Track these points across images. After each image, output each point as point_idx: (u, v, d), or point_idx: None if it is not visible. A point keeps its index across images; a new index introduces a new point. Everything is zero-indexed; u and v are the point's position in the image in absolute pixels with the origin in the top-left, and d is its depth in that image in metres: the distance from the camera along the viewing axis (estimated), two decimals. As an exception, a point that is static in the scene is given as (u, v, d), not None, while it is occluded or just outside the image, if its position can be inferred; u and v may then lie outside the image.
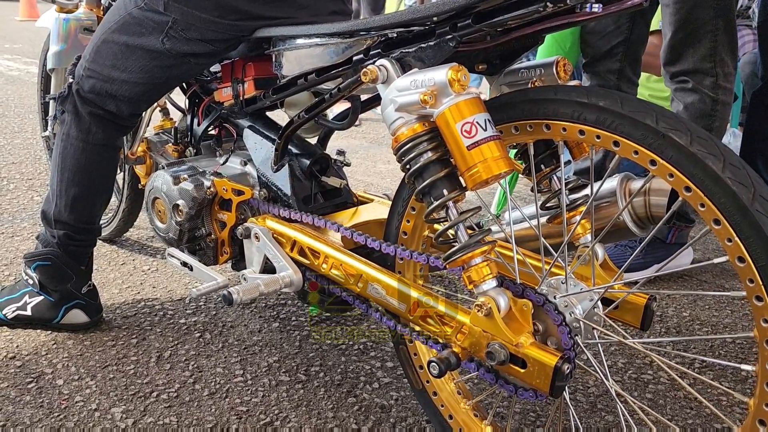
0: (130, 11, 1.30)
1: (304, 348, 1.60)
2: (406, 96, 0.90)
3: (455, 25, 0.88)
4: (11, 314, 1.58)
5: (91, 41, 1.41)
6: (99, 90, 1.41)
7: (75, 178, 1.48)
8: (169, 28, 1.25)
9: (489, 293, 0.90)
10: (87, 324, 1.61)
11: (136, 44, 1.31)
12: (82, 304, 1.58)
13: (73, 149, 1.46)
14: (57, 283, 1.56)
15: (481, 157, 0.85)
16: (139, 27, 1.29)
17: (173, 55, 1.30)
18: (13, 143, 3.28)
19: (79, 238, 1.55)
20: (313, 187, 1.34)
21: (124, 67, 1.34)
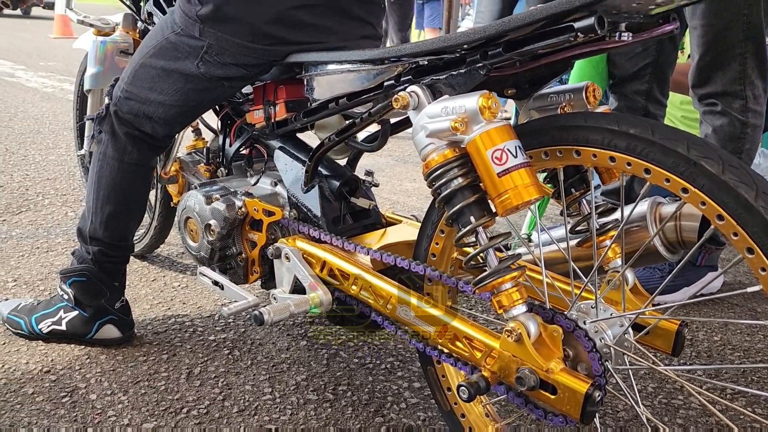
0: (167, 36, 1.34)
1: (332, 366, 1.61)
2: (437, 123, 0.91)
3: (486, 53, 0.90)
4: (46, 329, 1.61)
5: (129, 64, 1.45)
6: (136, 111, 1.44)
7: (110, 197, 1.52)
8: (204, 52, 1.28)
9: (519, 318, 0.91)
10: (119, 339, 1.63)
11: (173, 68, 1.34)
12: (115, 319, 1.61)
13: (109, 168, 1.50)
14: (91, 298, 1.59)
15: (511, 183, 0.86)
16: (175, 52, 1.33)
17: (207, 79, 1.33)
18: (47, 159, 3.36)
19: (113, 255, 1.58)
20: (343, 208, 1.36)
21: (161, 89, 1.38)
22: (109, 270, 1.60)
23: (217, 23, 1.24)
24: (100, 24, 1.73)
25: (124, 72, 1.47)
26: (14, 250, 2.21)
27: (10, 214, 2.55)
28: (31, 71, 6.68)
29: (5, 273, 2.03)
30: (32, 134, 3.91)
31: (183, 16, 1.29)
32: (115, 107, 1.48)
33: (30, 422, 1.35)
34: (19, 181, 2.98)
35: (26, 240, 2.31)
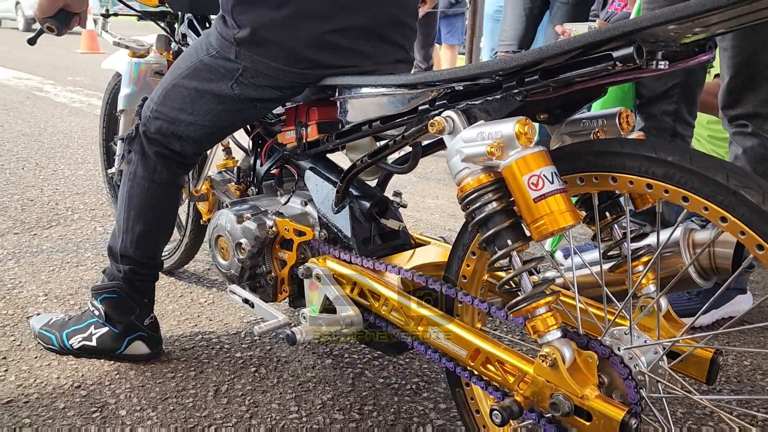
0: (202, 58, 1.36)
1: (357, 386, 1.61)
2: (473, 147, 0.92)
3: (522, 80, 0.90)
4: (77, 344, 1.63)
5: (160, 85, 1.47)
6: (165, 131, 1.46)
7: (141, 216, 1.54)
8: (240, 75, 1.30)
9: (554, 344, 0.91)
10: (148, 355, 1.65)
11: (206, 89, 1.36)
12: (144, 336, 1.63)
13: (139, 188, 1.53)
14: (121, 315, 1.61)
15: (547, 209, 0.86)
16: (210, 73, 1.34)
17: (241, 100, 1.35)
18: (76, 174, 3.42)
19: (143, 273, 1.60)
20: (373, 229, 1.37)
21: (192, 110, 1.40)
22: (139, 287, 1.62)
23: (254, 46, 1.25)
24: (135, 45, 1.76)
25: (154, 92, 1.49)
26: (45, 264, 2.25)
27: (40, 228, 2.60)
28: (59, 86, 6.82)
29: (36, 287, 2.07)
30: (61, 149, 3.98)
31: (219, 39, 1.30)
32: (144, 127, 1.50)
33: (62, 437, 1.37)
34: (49, 195, 3.04)
35: (56, 254, 2.35)
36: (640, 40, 0.80)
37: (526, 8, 2.94)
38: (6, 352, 1.68)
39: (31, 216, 2.74)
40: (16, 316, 1.87)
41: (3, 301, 1.96)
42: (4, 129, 4.46)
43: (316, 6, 1.23)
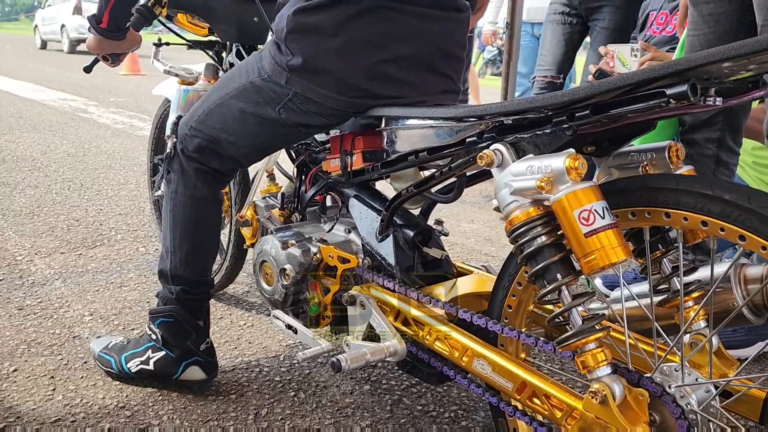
0: (252, 80, 1.36)
1: (396, 413, 1.61)
2: (522, 181, 0.93)
3: (573, 115, 0.91)
4: (135, 368, 1.64)
5: (201, 104, 1.48)
6: (204, 149, 1.49)
7: (186, 233, 1.56)
8: (288, 100, 1.31)
9: (603, 380, 0.90)
10: (204, 381, 1.64)
11: (252, 111, 1.37)
12: (200, 361, 1.62)
13: (182, 206, 1.55)
14: (178, 339, 1.61)
15: (598, 244, 0.86)
16: (258, 96, 1.36)
17: (286, 125, 1.36)
18: (119, 195, 3.50)
19: (195, 292, 1.60)
20: (416, 258, 1.38)
21: (234, 130, 1.42)
22: (193, 308, 1.61)
23: (305, 74, 1.27)
24: (185, 74, 1.81)
25: (193, 110, 1.50)
26: (90, 285, 2.30)
27: (85, 248, 2.67)
28: (102, 107, 7.01)
29: (82, 307, 2.12)
30: (104, 169, 4.08)
31: (272, 64, 1.31)
32: (182, 145, 1.52)
33: (107, 457, 1.40)
34: (93, 215, 3.12)
35: (101, 274, 2.40)
36: (694, 77, 0.80)
37: (566, 33, 2.94)
38: (54, 371, 1.72)
39: (77, 236, 2.81)
40: (63, 336, 1.92)
41: (51, 320, 2.01)
42: (51, 149, 4.60)
43: (369, 36, 1.24)
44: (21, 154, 4.40)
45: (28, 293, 2.20)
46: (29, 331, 1.94)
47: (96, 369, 1.74)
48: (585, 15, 2.90)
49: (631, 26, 2.73)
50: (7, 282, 2.29)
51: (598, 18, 2.84)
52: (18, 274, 2.36)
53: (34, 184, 3.64)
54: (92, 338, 1.80)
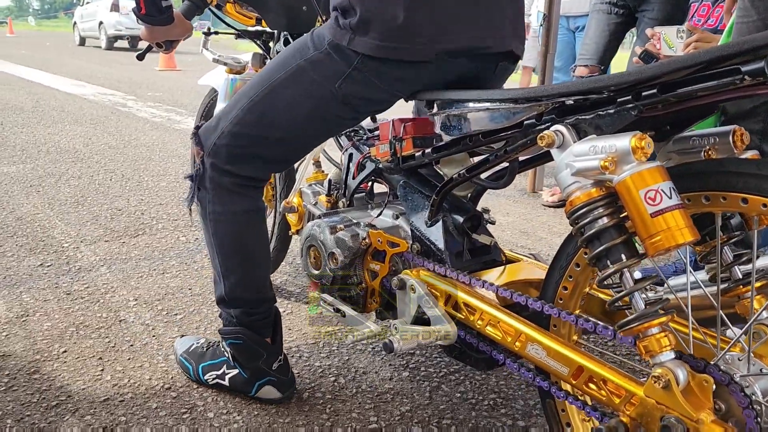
0: (307, 57, 1.26)
1: (435, 399, 1.61)
2: (585, 161, 0.92)
3: (639, 94, 0.89)
4: (212, 380, 1.59)
5: (233, 106, 1.35)
6: (237, 156, 1.36)
7: (234, 253, 1.45)
8: (353, 69, 1.21)
9: (667, 365, 0.88)
10: (280, 399, 1.56)
11: (306, 95, 1.26)
12: (273, 380, 1.54)
13: (222, 225, 1.43)
14: (248, 360, 1.53)
15: (664, 225, 0.85)
16: (313, 74, 1.25)
17: (344, 102, 1.26)
18: (159, 185, 3.56)
19: (257, 312, 1.51)
20: (465, 244, 1.37)
21: (282, 124, 1.30)
22: (258, 327, 1.52)
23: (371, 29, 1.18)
24: (233, 63, 1.83)
25: (223, 115, 1.37)
26: (134, 271, 2.34)
27: (128, 237, 2.71)
28: (140, 102, 7.12)
29: (127, 292, 2.16)
30: (144, 161, 4.15)
31: (334, 28, 1.22)
32: (213, 159, 1.38)
33: (156, 436, 1.42)
34: (135, 205, 3.17)
35: (144, 262, 2.44)
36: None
37: (611, 23, 2.90)
38: (101, 353, 1.76)
39: (120, 225, 2.86)
40: (110, 319, 1.95)
41: (97, 305, 2.05)
42: (92, 142, 4.69)
43: None
44: (64, 146, 4.50)
45: (75, 279, 2.25)
46: (77, 314, 1.98)
47: (142, 351, 1.77)
48: (633, 6, 2.85)
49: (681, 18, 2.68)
50: (55, 267, 2.34)
51: (647, 9, 2.79)
52: (65, 260, 2.42)
53: (78, 174, 3.72)
54: (177, 338, 1.77)
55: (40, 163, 3.95)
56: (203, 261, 2.46)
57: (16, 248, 2.52)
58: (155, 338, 1.85)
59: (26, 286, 2.17)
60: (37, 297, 2.09)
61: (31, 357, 1.72)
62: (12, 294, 2.10)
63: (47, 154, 4.19)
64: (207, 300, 2.11)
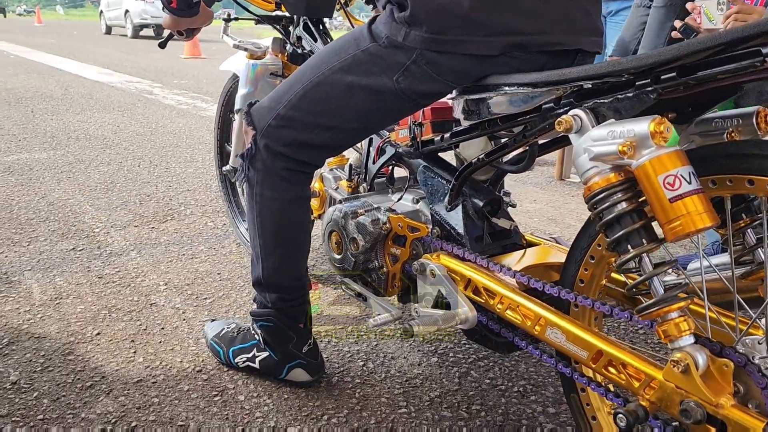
0: (364, 48, 1.21)
1: (464, 385, 1.62)
2: (603, 146, 0.91)
3: (658, 77, 0.88)
4: (242, 363, 1.61)
5: (289, 88, 1.33)
6: (292, 140, 1.34)
7: (277, 239, 1.44)
8: (411, 62, 1.16)
9: (686, 349, 0.88)
10: (310, 382, 1.58)
11: (363, 84, 1.22)
12: (303, 363, 1.55)
13: (269, 210, 1.41)
14: (279, 343, 1.54)
15: (683, 210, 0.84)
16: (371, 65, 1.20)
17: (403, 96, 1.21)
18: (186, 172, 3.61)
19: (292, 298, 1.51)
20: (485, 228, 1.37)
21: (337, 111, 1.27)
22: (291, 313, 1.53)
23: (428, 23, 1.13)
24: (253, 48, 1.84)
25: (276, 96, 1.36)
26: (163, 256, 2.39)
27: (157, 222, 2.76)
28: (166, 89, 7.20)
29: (157, 277, 2.20)
30: (172, 148, 4.20)
31: (389, 23, 1.18)
32: (266, 140, 1.36)
33: (187, 417, 1.46)
34: (163, 191, 3.22)
35: (173, 246, 2.49)
36: (791, 35, 0.77)
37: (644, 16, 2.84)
38: (133, 335, 1.80)
39: (149, 210, 2.91)
40: (141, 303, 2.00)
41: (128, 288, 2.10)
42: (120, 129, 4.76)
43: None
44: (93, 133, 4.58)
45: (107, 263, 2.31)
46: (109, 297, 2.03)
47: (173, 334, 1.82)
48: None
49: None
50: (86, 252, 2.40)
51: None
52: (96, 245, 2.48)
53: (107, 161, 3.79)
54: (207, 322, 1.80)
55: (70, 149, 4.03)
56: (231, 246, 2.50)
57: (49, 233, 2.59)
58: (185, 322, 1.89)
59: (59, 269, 2.24)
60: (70, 280, 2.15)
61: (66, 338, 1.78)
62: (46, 277, 2.17)
63: (77, 141, 4.27)
64: (236, 285, 2.15)
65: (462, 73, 1.18)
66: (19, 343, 1.74)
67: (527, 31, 1.12)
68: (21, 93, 6.35)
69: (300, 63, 1.86)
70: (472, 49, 1.12)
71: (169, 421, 1.44)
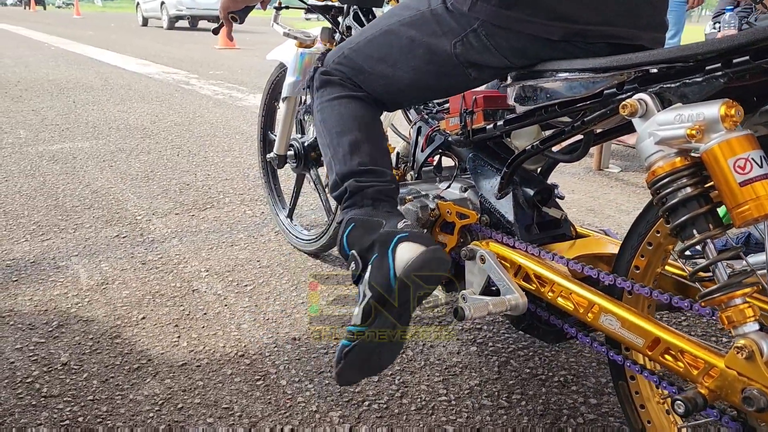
0: (434, 7, 1.23)
1: (504, 374, 1.62)
2: (669, 130, 0.90)
3: (729, 61, 0.87)
4: (358, 318, 1.22)
5: (361, 33, 1.37)
6: (347, 78, 1.38)
7: (344, 129, 1.35)
8: (471, 31, 1.18)
9: (750, 336, 0.87)
10: (425, 256, 1.15)
11: (424, 41, 1.24)
12: (404, 236, 1.19)
13: (331, 108, 1.38)
14: (370, 233, 1.24)
15: (753, 194, 0.83)
16: (436, 25, 1.23)
17: (457, 63, 1.23)
18: (224, 161, 3.65)
19: (369, 180, 1.31)
20: (535, 217, 1.37)
21: (394, 61, 1.29)
22: (372, 195, 1.30)
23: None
24: (302, 37, 1.86)
25: (348, 41, 1.40)
26: (204, 243, 2.42)
27: (197, 210, 2.80)
28: (203, 80, 7.28)
29: (198, 263, 2.24)
30: (209, 137, 4.26)
31: None
32: (324, 68, 1.41)
33: (231, 400, 1.48)
34: (202, 180, 3.26)
35: (213, 234, 2.52)
36: None
37: None
38: (177, 320, 1.83)
39: (189, 198, 2.96)
40: (183, 289, 2.03)
41: (171, 274, 2.14)
42: (159, 119, 4.83)
43: None
44: (133, 123, 4.65)
45: (149, 249, 2.35)
46: (153, 283, 2.07)
47: (216, 320, 1.84)
48: None
49: None
50: (129, 239, 2.45)
51: None
52: (139, 232, 2.52)
53: (147, 150, 3.85)
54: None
55: (111, 139, 4.11)
56: (270, 234, 2.53)
57: (93, 220, 2.64)
58: (227, 307, 1.92)
59: (104, 255, 2.28)
60: (115, 266, 2.19)
61: (113, 322, 1.81)
62: (92, 263, 2.21)
63: (117, 131, 4.35)
64: (275, 272, 2.17)
65: (519, 51, 1.18)
66: (68, 326, 1.78)
67: (590, 21, 1.12)
68: (63, 84, 6.48)
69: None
70: (533, 29, 1.13)
71: (213, 404, 1.46)
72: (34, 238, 2.43)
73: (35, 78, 6.84)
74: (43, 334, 1.74)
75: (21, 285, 2.02)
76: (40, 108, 5.08)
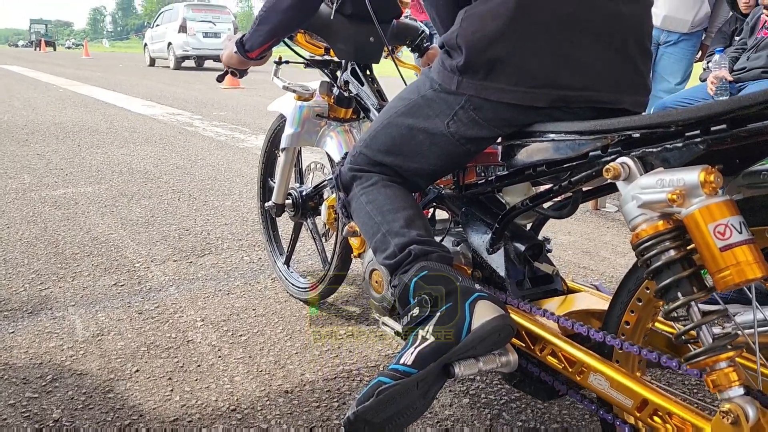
0: (424, 93, 1.29)
1: (496, 428, 1.60)
2: (651, 194, 0.92)
3: (707, 129, 0.89)
4: (411, 358, 1.15)
5: (368, 129, 1.43)
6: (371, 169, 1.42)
7: (396, 206, 1.36)
8: (460, 108, 1.22)
9: (736, 401, 0.87)
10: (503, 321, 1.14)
11: (421, 127, 1.29)
12: (484, 296, 1.18)
13: (377, 190, 1.39)
14: (446, 284, 1.21)
15: (734, 260, 0.84)
16: (428, 109, 1.28)
17: (454, 141, 1.27)
18: (224, 205, 3.67)
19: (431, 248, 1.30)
20: (526, 272, 1.38)
21: (401, 151, 1.35)
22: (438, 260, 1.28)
23: (479, 71, 1.18)
24: (301, 90, 1.89)
25: (359, 140, 1.47)
26: (200, 291, 2.42)
27: (195, 256, 2.81)
28: (206, 120, 7.38)
29: (194, 312, 2.23)
30: (210, 181, 4.29)
31: (441, 71, 1.24)
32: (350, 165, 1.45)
33: (223, 453, 1.46)
34: (201, 225, 3.28)
35: (210, 282, 2.52)
36: None
37: None
38: (171, 372, 1.82)
39: (187, 244, 2.97)
40: (178, 340, 2.03)
41: (167, 324, 2.14)
42: (161, 162, 4.88)
43: (552, 16, 1.12)
44: (136, 166, 4.70)
45: (146, 298, 2.35)
46: (148, 334, 2.06)
47: (209, 372, 1.83)
48: None
49: None
50: (127, 287, 2.45)
51: None
52: (137, 280, 2.53)
53: (148, 194, 3.88)
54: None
55: (114, 183, 4.15)
56: (266, 282, 2.53)
57: (92, 267, 2.65)
58: (221, 359, 1.91)
59: (101, 305, 2.28)
60: (112, 316, 2.19)
61: (106, 376, 1.80)
62: (89, 313, 2.21)
63: (120, 175, 4.39)
64: (270, 321, 2.17)
65: (506, 121, 1.22)
66: (62, 380, 1.77)
67: (573, 85, 1.15)
68: (69, 127, 6.57)
69: (346, 106, 1.91)
70: (517, 98, 1.16)
71: (206, 457, 1.45)
72: (32, 287, 2.43)
73: (42, 121, 6.94)
74: (37, 388, 1.73)
75: (17, 337, 2.02)
76: (45, 152, 5.14)
